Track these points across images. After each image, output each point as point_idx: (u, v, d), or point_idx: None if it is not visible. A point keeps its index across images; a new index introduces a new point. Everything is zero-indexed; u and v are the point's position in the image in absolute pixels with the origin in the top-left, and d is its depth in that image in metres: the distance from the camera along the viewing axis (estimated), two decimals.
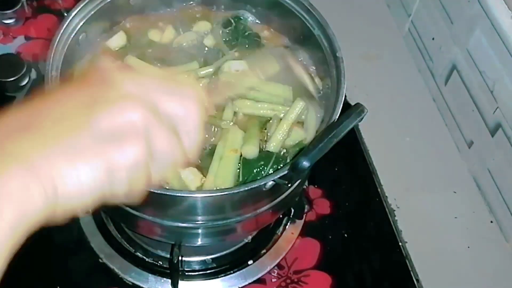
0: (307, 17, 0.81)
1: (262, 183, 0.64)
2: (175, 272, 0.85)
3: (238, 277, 0.90)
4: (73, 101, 0.41)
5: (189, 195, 0.67)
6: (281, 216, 0.94)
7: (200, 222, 0.73)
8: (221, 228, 0.76)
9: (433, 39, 1.17)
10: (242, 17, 0.88)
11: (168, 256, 0.90)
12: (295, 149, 0.76)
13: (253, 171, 0.72)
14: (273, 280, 0.90)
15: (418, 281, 0.91)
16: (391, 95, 1.19)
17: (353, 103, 0.67)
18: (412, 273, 0.92)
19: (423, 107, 1.19)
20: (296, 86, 0.80)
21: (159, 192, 0.63)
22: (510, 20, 0.94)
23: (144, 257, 0.91)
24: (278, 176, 0.64)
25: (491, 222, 1.03)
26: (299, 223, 0.96)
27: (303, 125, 0.78)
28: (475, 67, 1.03)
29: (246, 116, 0.78)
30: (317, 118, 0.77)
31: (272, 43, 0.86)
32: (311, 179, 1.00)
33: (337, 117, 0.69)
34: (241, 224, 0.77)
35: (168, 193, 0.64)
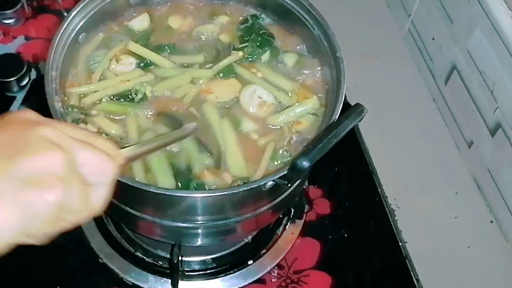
0: (307, 17, 0.81)
1: (262, 183, 0.64)
2: (175, 272, 0.85)
3: (238, 277, 0.90)
4: None
5: (189, 195, 0.67)
6: (281, 216, 0.94)
7: (200, 222, 0.73)
8: (221, 228, 0.76)
9: (433, 39, 1.17)
10: (260, 16, 0.89)
11: (168, 256, 0.90)
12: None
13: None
14: (273, 280, 0.90)
15: (418, 281, 0.91)
16: (391, 95, 1.19)
17: (353, 103, 0.68)
18: (412, 273, 0.92)
19: (423, 107, 1.19)
20: None
21: (159, 192, 0.63)
22: (510, 20, 0.94)
23: (144, 257, 0.91)
24: (278, 176, 0.64)
25: (491, 222, 1.03)
26: (299, 223, 0.96)
27: (302, 124, 0.78)
28: (475, 67, 1.03)
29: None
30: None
31: (284, 45, 0.86)
32: (311, 179, 1.00)
33: (337, 117, 0.69)
34: (241, 224, 0.77)
35: (168, 193, 0.64)
